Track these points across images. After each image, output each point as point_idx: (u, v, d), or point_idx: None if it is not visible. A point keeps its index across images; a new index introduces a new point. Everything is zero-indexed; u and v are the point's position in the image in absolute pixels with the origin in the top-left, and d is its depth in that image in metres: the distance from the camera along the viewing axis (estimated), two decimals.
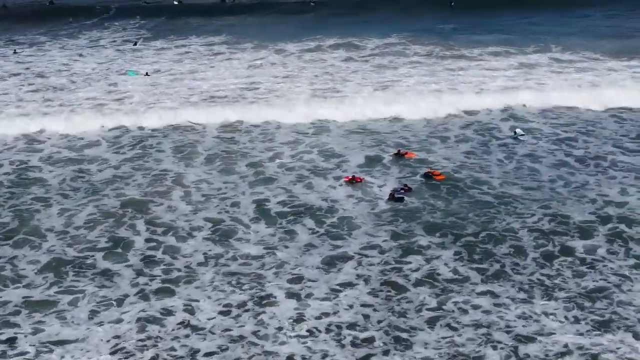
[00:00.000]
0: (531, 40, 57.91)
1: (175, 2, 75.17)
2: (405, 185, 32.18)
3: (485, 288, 24.31)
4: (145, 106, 43.19)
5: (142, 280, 25.34)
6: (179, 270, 26.05)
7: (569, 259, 25.96)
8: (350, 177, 33.21)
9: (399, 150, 36.26)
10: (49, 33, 64.93)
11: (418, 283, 24.74)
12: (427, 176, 33.11)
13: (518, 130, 38.68)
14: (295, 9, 72.61)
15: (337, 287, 24.58)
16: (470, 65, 51.37)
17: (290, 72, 50.62)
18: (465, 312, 23.12)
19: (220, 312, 23.36)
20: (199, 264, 26.37)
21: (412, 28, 62.94)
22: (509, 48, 55.98)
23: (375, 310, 23.34)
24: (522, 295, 23.87)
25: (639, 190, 31.25)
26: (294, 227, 29.07)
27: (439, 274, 25.20)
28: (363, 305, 23.54)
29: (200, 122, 40.34)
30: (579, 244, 26.85)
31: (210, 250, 27.43)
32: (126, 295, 24.34)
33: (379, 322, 22.73)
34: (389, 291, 24.32)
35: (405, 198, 30.99)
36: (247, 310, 23.38)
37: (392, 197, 31.06)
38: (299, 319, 22.88)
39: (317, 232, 28.60)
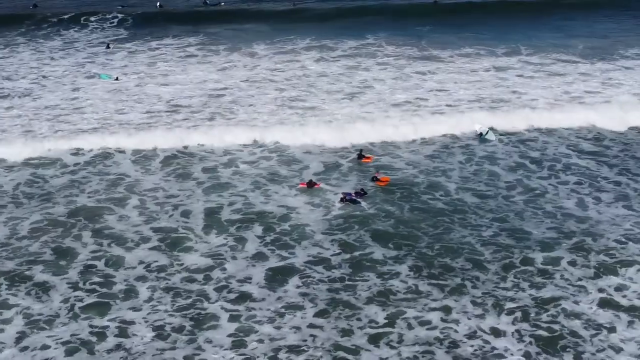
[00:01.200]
0: (504, 42, 55.83)
1: (158, 5, 72.90)
2: (362, 189, 30.58)
3: (437, 304, 22.78)
4: (104, 121, 40.14)
5: (77, 295, 23.62)
6: (119, 283, 24.38)
7: (529, 268, 24.63)
8: (307, 182, 31.54)
9: (360, 151, 34.74)
10: (27, 34, 62.69)
11: (369, 299, 23.11)
12: (374, 180, 31.57)
13: (483, 129, 37.16)
14: (276, 12, 69.95)
15: (284, 305, 22.91)
16: (440, 68, 49.47)
17: (260, 77, 48.30)
18: (412, 328, 21.61)
19: (156, 336, 21.58)
20: (140, 278, 24.62)
21: (389, 29, 60.70)
22: (481, 49, 54.14)
23: (322, 330, 21.70)
24: (475, 311, 22.34)
25: (596, 202, 29.76)
26: (245, 235, 27.48)
27: (390, 289, 23.60)
28: (310, 326, 21.88)
29: (156, 145, 36.31)
30: (538, 256, 25.39)
31: (155, 262, 25.72)
32: (57, 315, 22.57)
33: (324, 342, 21.09)
34: (341, 309, 22.65)
35: (363, 203, 29.41)
36: (184, 334, 21.65)
37: (343, 201, 29.63)
38: (240, 343, 21.18)
39: (268, 241, 26.98)
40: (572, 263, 24.84)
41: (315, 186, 31.39)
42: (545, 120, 38.35)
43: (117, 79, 48.17)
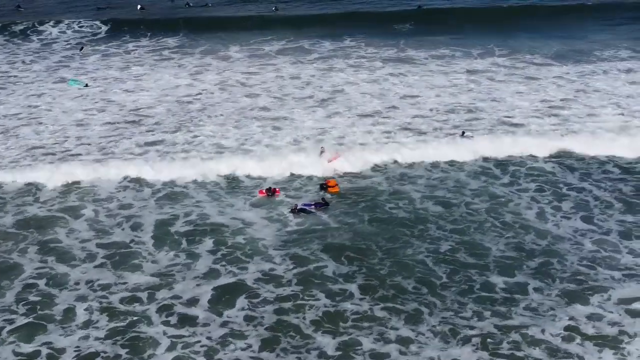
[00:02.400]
0: (479, 45, 53.73)
1: (139, 8, 70.57)
2: (323, 199, 28.66)
3: (393, 334, 20.84)
4: (61, 135, 37.06)
5: (9, 318, 21.54)
6: (57, 304, 22.32)
7: (491, 295, 22.44)
8: (266, 189, 29.55)
9: (322, 148, 33.05)
10: (5, 35, 60.45)
11: (316, 323, 21.12)
12: (324, 188, 29.62)
13: (467, 134, 35.55)
14: (258, 16, 67.14)
15: (228, 332, 20.84)
16: (411, 71, 47.34)
17: (233, 81, 46.04)
18: None
19: None
20: (80, 298, 22.60)
21: (369, 34, 58.27)
22: (457, 51, 52.21)
23: None
24: (433, 338, 20.36)
25: (554, 213, 27.85)
26: (197, 250, 25.48)
27: (342, 314, 21.54)
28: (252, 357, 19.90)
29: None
30: (499, 280, 23.32)
31: (98, 280, 23.69)
32: None
33: None
34: (291, 335, 20.67)
35: (323, 216, 27.43)
36: None
37: (294, 211, 27.77)
38: None
39: (219, 256, 24.98)
40: (538, 290, 22.67)
41: (276, 193, 29.45)
42: (520, 144, 34.13)
43: (86, 85, 45.85)
